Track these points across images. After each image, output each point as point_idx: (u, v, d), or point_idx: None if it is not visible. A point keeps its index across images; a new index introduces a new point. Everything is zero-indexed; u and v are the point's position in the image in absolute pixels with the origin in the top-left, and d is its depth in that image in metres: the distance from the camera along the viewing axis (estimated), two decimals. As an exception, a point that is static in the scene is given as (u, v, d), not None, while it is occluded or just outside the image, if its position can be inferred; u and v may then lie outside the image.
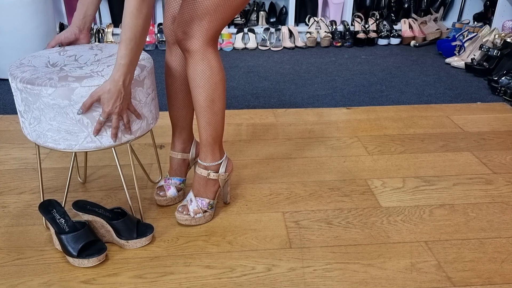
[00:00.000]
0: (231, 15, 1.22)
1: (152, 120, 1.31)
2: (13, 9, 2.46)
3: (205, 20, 1.19)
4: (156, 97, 1.34)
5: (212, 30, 1.21)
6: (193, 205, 1.36)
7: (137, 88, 1.22)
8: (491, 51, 2.68)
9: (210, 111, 1.28)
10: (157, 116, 1.35)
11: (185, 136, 1.45)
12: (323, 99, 2.38)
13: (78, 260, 1.20)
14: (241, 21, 3.50)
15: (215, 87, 1.26)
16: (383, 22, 3.55)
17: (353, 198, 1.51)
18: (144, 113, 1.26)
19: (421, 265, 1.22)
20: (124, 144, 1.25)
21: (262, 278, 1.18)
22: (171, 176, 1.48)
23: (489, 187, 1.58)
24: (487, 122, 2.09)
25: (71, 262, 1.21)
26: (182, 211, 1.36)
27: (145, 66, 1.25)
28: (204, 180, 1.36)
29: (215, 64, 1.25)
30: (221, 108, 1.30)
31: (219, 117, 1.30)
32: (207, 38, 1.22)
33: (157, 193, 1.47)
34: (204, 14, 1.19)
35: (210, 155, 1.34)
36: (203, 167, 1.35)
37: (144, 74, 1.24)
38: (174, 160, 1.48)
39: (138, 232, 1.28)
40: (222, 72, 1.27)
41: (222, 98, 1.29)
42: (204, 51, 1.23)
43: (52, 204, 1.29)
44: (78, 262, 1.20)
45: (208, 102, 1.27)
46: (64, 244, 1.21)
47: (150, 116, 1.29)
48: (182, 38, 1.22)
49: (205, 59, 1.23)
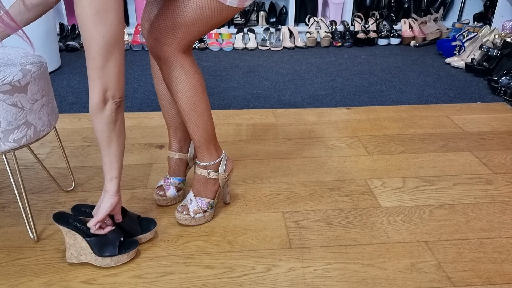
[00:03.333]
0: (207, 30, 1.21)
1: (43, 127, 1.26)
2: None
3: (179, 30, 1.17)
4: (51, 103, 1.30)
5: (185, 40, 1.20)
6: (193, 205, 1.36)
7: (18, 95, 1.16)
8: (491, 51, 2.68)
9: (194, 114, 1.27)
10: (52, 123, 1.30)
11: (180, 135, 1.45)
12: (323, 99, 2.38)
13: (117, 258, 1.20)
14: (241, 21, 3.50)
15: (193, 90, 1.25)
16: (383, 22, 3.55)
17: (353, 198, 1.51)
18: (31, 120, 1.21)
19: (421, 265, 1.22)
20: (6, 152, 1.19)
21: (262, 278, 1.18)
22: (170, 176, 1.48)
23: (489, 187, 1.58)
24: (487, 122, 2.09)
25: (107, 263, 1.20)
26: (182, 211, 1.36)
27: (29, 71, 1.20)
28: (204, 180, 1.36)
29: (188, 67, 1.23)
30: (205, 109, 1.29)
31: (205, 118, 1.29)
32: (178, 47, 1.20)
33: (157, 193, 1.47)
34: (180, 25, 1.17)
35: (207, 155, 1.34)
36: (202, 167, 1.35)
37: (28, 79, 1.18)
38: (172, 160, 1.48)
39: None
40: (198, 74, 1.25)
41: (203, 99, 1.28)
42: (175, 57, 1.21)
43: (63, 215, 1.24)
44: (116, 260, 1.20)
45: (190, 105, 1.26)
46: (99, 246, 1.19)
47: (39, 124, 1.24)
48: (154, 45, 1.20)
49: (177, 63, 1.21)
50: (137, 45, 3.31)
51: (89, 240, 1.18)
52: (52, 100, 1.32)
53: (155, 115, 2.15)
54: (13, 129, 1.18)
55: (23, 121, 1.20)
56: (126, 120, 2.09)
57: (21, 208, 1.29)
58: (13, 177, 1.26)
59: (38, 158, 1.49)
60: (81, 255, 1.20)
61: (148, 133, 1.96)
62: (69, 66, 2.92)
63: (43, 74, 1.26)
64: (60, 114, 2.17)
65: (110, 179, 1.16)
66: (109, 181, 1.16)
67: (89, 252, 1.19)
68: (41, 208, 1.45)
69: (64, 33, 3.36)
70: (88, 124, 2.05)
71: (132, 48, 3.31)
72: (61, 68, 2.87)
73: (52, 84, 2.55)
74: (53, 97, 1.34)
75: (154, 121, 2.08)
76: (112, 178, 1.16)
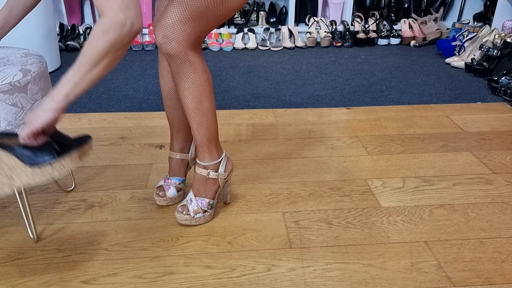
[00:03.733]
0: (215, 23, 1.20)
1: None
2: (13, 9, 2.46)
3: (187, 25, 1.17)
4: None
5: (194, 36, 1.19)
6: (193, 205, 1.36)
7: (18, 95, 1.17)
8: (491, 51, 2.68)
9: (199, 113, 1.27)
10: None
11: (183, 136, 1.45)
12: (323, 99, 2.38)
13: (59, 162, 0.98)
14: (241, 21, 3.50)
15: (201, 89, 1.24)
16: (383, 22, 3.55)
17: (353, 198, 1.51)
18: None
19: (421, 265, 1.22)
20: None
21: (262, 278, 1.18)
22: (170, 176, 1.48)
23: (489, 187, 1.58)
24: (487, 122, 2.09)
25: (48, 173, 0.98)
26: (182, 211, 1.36)
27: (29, 71, 1.20)
28: (203, 180, 1.36)
29: (198, 66, 1.23)
30: (210, 108, 1.29)
31: (210, 117, 1.29)
32: (188, 43, 1.19)
33: (156, 193, 1.47)
34: (187, 19, 1.16)
35: (207, 155, 1.34)
36: (202, 167, 1.35)
37: (28, 79, 1.19)
38: (172, 160, 1.47)
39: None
40: (206, 73, 1.25)
41: (209, 98, 1.28)
42: (185, 54, 1.20)
43: None
44: (59, 166, 0.99)
45: (196, 104, 1.26)
46: (33, 155, 0.97)
47: None
48: (163, 42, 1.18)
49: (186, 62, 1.20)
50: (137, 45, 3.30)
51: (18, 151, 0.97)
52: None
53: (155, 115, 2.15)
54: (13, 129, 1.19)
55: (23, 121, 1.20)
56: (126, 120, 2.09)
57: (21, 208, 1.29)
58: None
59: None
60: (13, 178, 0.98)
61: (148, 133, 1.96)
62: (69, 66, 2.91)
63: (43, 74, 1.26)
64: (60, 114, 2.17)
65: (67, 94, 1.00)
66: (65, 94, 1.00)
67: (21, 170, 0.97)
68: (41, 208, 1.45)
69: (64, 33, 3.36)
70: (88, 124, 2.05)
71: (132, 48, 3.31)
72: (61, 68, 2.87)
73: (52, 84, 2.54)
74: None
75: (154, 121, 2.08)
76: (72, 94, 1.00)
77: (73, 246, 1.29)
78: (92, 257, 1.24)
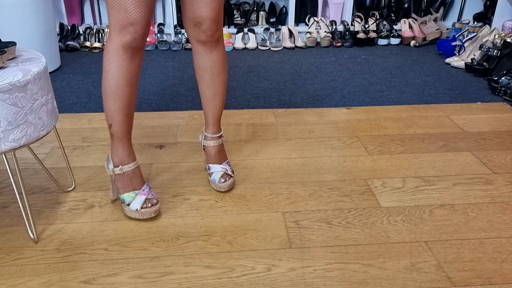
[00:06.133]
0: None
1: (43, 127, 1.26)
2: (13, 9, 2.46)
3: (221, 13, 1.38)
4: (51, 103, 1.31)
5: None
6: (229, 169, 1.55)
7: (18, 95, 1.17)
8: (491, 51, 2.68)
9: (224, 92, 1.51)
10: (52, 123, 1.30)
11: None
12: (323, 99, 2.38)
13: None
14: (241, 21, 3.50)
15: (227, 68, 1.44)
16: (383, 22, 3.55)
17: (353, 198, 1.51)
18: (31, 120, 1.21)
19: (421, 265, 1.22)
20: (6, 152, 1.19)
21: (262, 278, 1.18)
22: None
23: (489, 187, 1.58)
24: (487, 122, 2.09)
25: None
26: (225, 179, 1.52)
27: (29, 71, 1.20)
28: (222, 147, 1.58)
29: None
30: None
31: (224, 96, 1.55)
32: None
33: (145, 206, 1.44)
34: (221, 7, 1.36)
35: (219, 127, 1.57)
36: (218, 138, 1.57)
37: (28, 79, 1.18)
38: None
39: None
40: None
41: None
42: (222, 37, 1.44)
43: None
44: None
45: (225, 83, 1.50)
46: None
47: (39, 124, 1.24)
48: (216, 29, 1.37)
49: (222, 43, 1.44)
50: (149, 45, 3.30)
51: None
52: (52, 100, 1.33)
53: (155, 115, 2.15)
54: (13, 129, 1.18)
55: (23, 121, 1.20)
56: (126, 120, 2.09)
57: (21, 208, 1.29)
58: (13, 177, 1.26)
59: (38, 158, 1.49)
60: None
61: (148, 133, 1.96)
62: (69, 66, 2.92)
63: (43, 74, 1.26)
64: (60, 114, 2.17)
65: None
66: None
67: None
68: (41, 208, 1.45)
69: (64, 33, 3.36)
70: (88, 124, 2.05)
71: (132, 48, 3.31)
72: (61, 68, 2.87)
73: (52, 84, 2.55)
74: (53, 97, 1.34)
75: (154, 121, 2.08)
76: None
77: (73, 246, 1.29)
78: (92, 257, 1.24)
